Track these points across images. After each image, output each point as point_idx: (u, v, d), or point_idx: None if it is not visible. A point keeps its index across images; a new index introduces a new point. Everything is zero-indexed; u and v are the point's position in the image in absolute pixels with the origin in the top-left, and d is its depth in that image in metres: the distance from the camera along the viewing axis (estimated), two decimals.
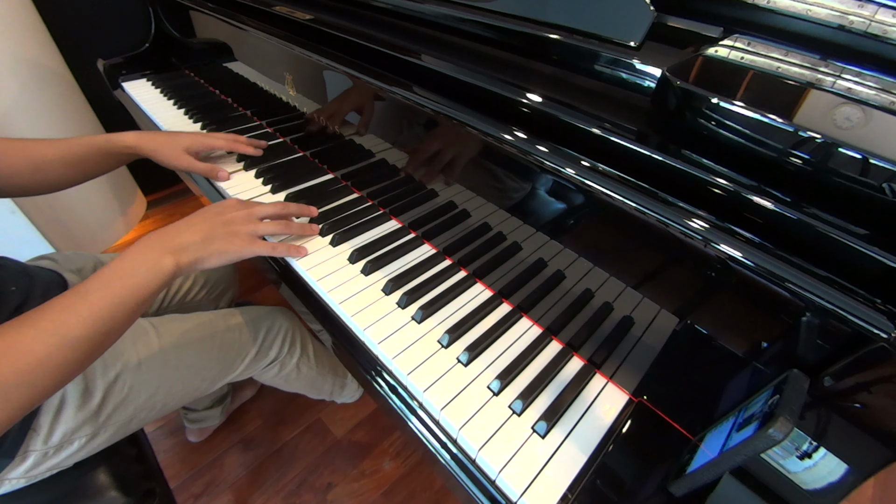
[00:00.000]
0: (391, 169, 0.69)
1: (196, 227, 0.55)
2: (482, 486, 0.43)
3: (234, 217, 0.57)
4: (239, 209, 0.59)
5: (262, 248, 0.58)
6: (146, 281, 0.48)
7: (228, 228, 0.56)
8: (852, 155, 0.31)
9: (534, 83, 0.49)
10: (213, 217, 0.57)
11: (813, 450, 0.32)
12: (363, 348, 0.55)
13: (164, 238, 0.52)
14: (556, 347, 0.54)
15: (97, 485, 0.61)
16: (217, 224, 0.56)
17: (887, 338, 0.29)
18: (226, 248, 0.55)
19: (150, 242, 0.51)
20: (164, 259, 0.50)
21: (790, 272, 0.33)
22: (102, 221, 1.64)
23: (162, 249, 0.51)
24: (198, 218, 0.56)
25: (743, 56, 0.40)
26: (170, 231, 0.53)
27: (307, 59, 0.71)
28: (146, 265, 0.49)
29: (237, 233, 0.56)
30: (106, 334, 0.45)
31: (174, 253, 0.51)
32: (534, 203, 0.51)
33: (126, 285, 0.47)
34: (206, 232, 0.54)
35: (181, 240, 0.53)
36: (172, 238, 0.52)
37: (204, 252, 0.53)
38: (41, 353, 0.40)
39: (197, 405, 1.06)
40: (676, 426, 0.45)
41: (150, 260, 0.50)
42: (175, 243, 0.52)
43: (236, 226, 0.57)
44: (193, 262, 0.53)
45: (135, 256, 0.50)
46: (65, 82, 1.43)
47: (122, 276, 0.47)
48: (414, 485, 1.06)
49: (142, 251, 0.50)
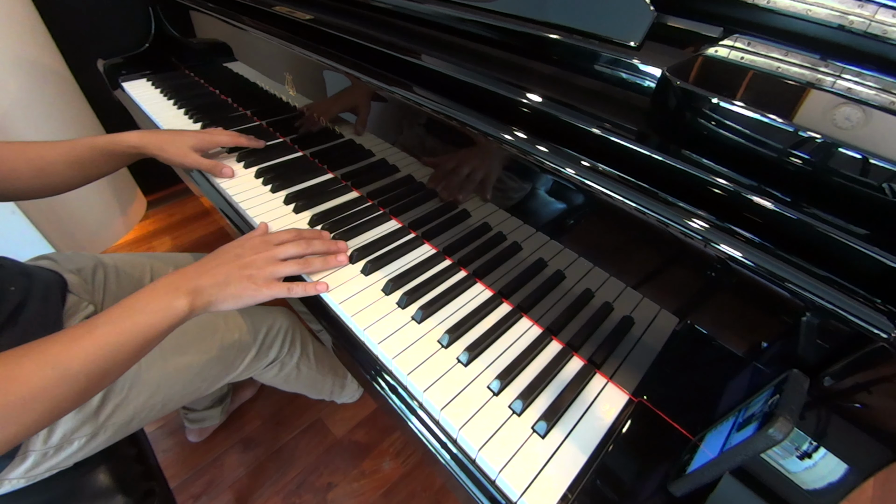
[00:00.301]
0: (391, 169, 0.69)
1: (214, 271, 0.54)
2: (482, 486, 0.43)
3: (253, 260, 0.56)
4: (259, 251, 0.57)
5: (279, 290, 0.56)
6: (156, 321, 0.47)
7: (246, 272, 0.54)
8: (852, 155, 0.31)
9: (534, 83, 0.49)
10: (233, 260, 0.56)
11: (813, 450, 0.32)
12: (363, 348, 0.55)
13: (179, 279, 0.51)
14: (556, 347, 0.54)
15: (97, 485, 0.61)
16: (235, 267, 0.55)
17: (887, 338, 0.29)
18: (240, 293, 0.53)
19: (165, 282, 0.51)
20: (178, 300, 0.49)
21: (790, 272, 0.33)
22: (102, 221, 1.64)
23: (177, 290, 0.50)
24: (217, 260, 0.56)
25: (743, 56, 0.40)
26: (187, 273, 0.53)
27: (307, 59, 0.71)
28: (159, 304, 0.48)
29: (254, 277, 0.54)
30: (106, 372, 0.44)
31: (189, 294, 0.50)
32: (534, 203, 0.51)
33: (136, 323, 0.46)
34: (223, 275, 0.53)
35: (198, 282, 0.52)
36: (189, 280, 0.52)
37: (219, 296, 0.52)
38: (37, 385, 0.39)
39: (197, 405, 1.06)
40: (676, 426, 0.45)
41: (164, 299, 0.49)
42: (191, 285, 0.51)
43: (254, 269, 0.55)
44: (208, 304, 0.52)
45: (149, 295, 0.49)
46: (65, 82, 1.43)
47: (132, 314, 0.47)
48: (414, 485, 1.06)
49: (156, 290, 0.50)
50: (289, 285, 0.57)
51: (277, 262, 0.57)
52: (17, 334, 0.54)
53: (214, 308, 0.53)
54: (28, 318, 0.55)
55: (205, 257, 0.56)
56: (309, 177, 0.81)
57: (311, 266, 0.59)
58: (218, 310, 0.53)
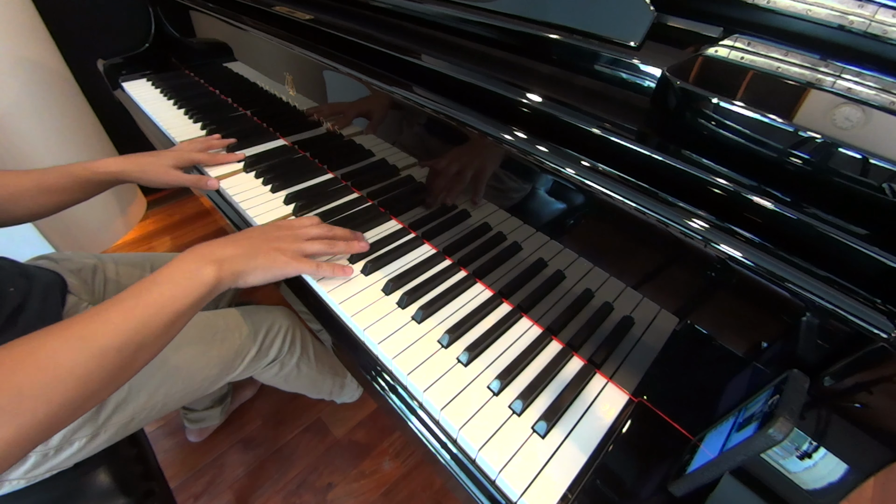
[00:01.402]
0: (391, 169, 0.69)
1: (241, 242, 0.54)
2: (482, 486, 0.43)
3: (280, 235, 0.57)
4: (286, 228, 0.58)
5: (307, 266, 0.56)
6: (184, 290, 0.46)
7: (274, 245, 0.55)
8: (852, 155, 0.31)
9: (534, 83, 0.49)
10: (260, 234, 0.56)
11: (813, 450, 0.32)
12: (363, 348, 0.55)
13: (205, 250, 0.51)
14: (556, 347, 0.54)
15: (97, 485, 0.61)
16: (262, 240, 0.55)
17: (887, 338, 0.29)
18: (269, 265, 0.53)
19: (191, 253, 0.50)
20: (204, 268, 0.49)
21: (790, 272, 0.33)
22: (102, 221, 1.64)
23: (202, 259, 0.49)
24: (244, 234, 0.56)
25: (743, 56, 0.40)
26: (214, 243, 0.53)
27: (307, 59, 0.71)
28: (185, 273, 0.48)
29: (283, 250, 0.55)
30: (140, 346, 0.42)
31: (216, 263, 0.50)
32: (534, 203, 0.51)
33: (163, 293, 0.45)
34: (250, 247, 0.53)
35: (224, 252, 0.51)
36: (215, 250, 0.51)
37: (247, 265, 0.52)
38: (65, 362, 0.37)
39: (197, 405, 1.06)
40: (676, 426, 0.45)
41: (189, 269, 0.48)
42: (217, 254, 0.51)
43: (282, 243, 0.56)
44: (235, 274, 0.51)
45: (175, 266, 0.48)
46: (65, 82, 1.43)
47: (159, 285, 0.46)
48: (414, 485, 1.06)
49: (181, 260, 0.49)
50: (317, 262, 0.57)
51: (303, 240, 0.57)
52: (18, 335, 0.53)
53: (242, 280, 0.52)
54: (28, 319, 0.55)
55: (230, 235, 0.56)
56: (309, 177, 0.81)
57: (336, 247, 0.60)
58: (245, 282, 0.52)
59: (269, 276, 0.54)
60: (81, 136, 1.49)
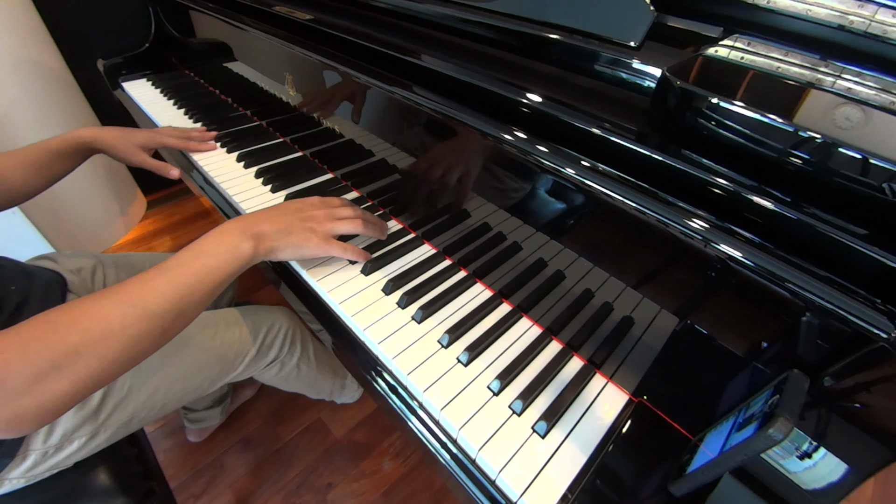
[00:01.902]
0: (391, 169, 0.69)
1: (277, 219, 0.55)
2: (482, 486, 0.43)
3: (314, 214, 0.58)
4: (320, 207, 0.60)
5: (336, 249, 0.58)
6: (224, 262, 0.49)
7: (308, 224, 0.57)
8: (852, 155, 0.31)
9: (534, 83, 0.49)
10: (294, 212, 0.58)
11: (813, 450, 0.32)
12: (363, 348, 0.55)
13: (244, 224, 0.53)
14: (556, 347, 0.54)
15: (97, 485, 0.61)
16: (297, 219, 0.57)
17: (887, 338, 0.29)
18: (302, 243, 0.56)
19: (230, 226, 0.53)
20: (243, 243, 0.51)
21: (790, 272, 0.33)
22: (102, 221, 1.64)
23: (242, 234, 0.52)
24: (279, 210, 0.57)
25: (743, 56, 0.40)
26: (250, 218, 0.55)
27: (307, 59, 0.71)
28: (225, 246, 0.50)
29: (315, 230, 0.57)
30: (181, 312, 0.45)
31: (253, 238, 0.52)
32: (534, 203, 0.51)
33: (206, 264, 0.48)
34: (285, 224, 0.55)
35: (261, 228, 0.53)
36: (253, 225, 0.53)
37: (281, 242, 0.54)
38: (117, 322, 0.40)
39: (197, 405, 1.06)
40: (676, 426, 0.45)
41: (230, 242, 0.51)
42: (255, 230, 0.53)
43: (315, 223, 0.57)
44: (270, 250, 0.54)
45: (215, 238, 0.51)
46: (65, 82, 1.43)
47: (200, 256, 0.48)
48: (414, 485, 1.06)
49: (222, 233, 0.51)
50: (344, 245, 0.59)
51: (335, 220, 0.59)
52: None
53: (275, 255, 0.55)
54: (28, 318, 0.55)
55: (266, 208, 0.58)
56: (309, 177, 0.81)
57: (366, 228, 0.61)
58: (276, 258, 0.55)
59: (299, 254, 0.56)
60: None
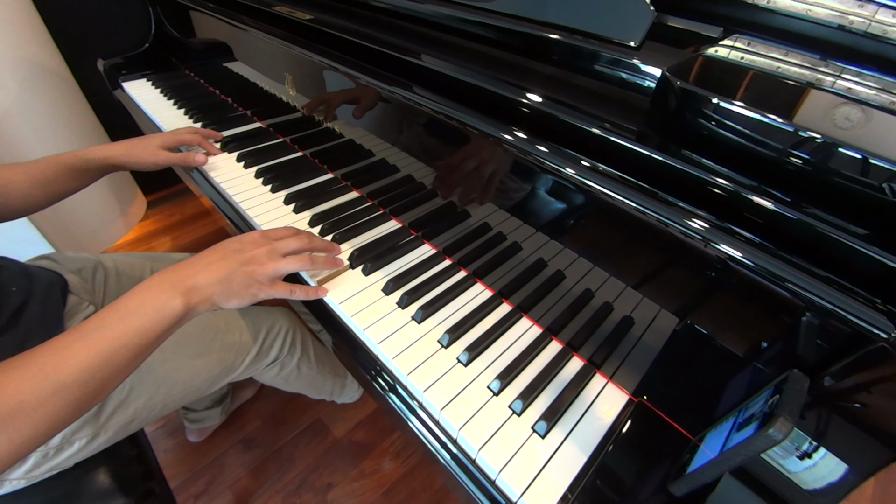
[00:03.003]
0: (391, 169, 0.69)
1: (213, 266, 0.50)
2: (482, 486, 0.43)
3: (254, 255, 0.52)
4: (260, 245, 0.54)
5: (281, 291, 0.54)
6: (151, 323, 0.44)
7: (248, 268, 0.51)
8: (852, 155, 0.31)
9: (534, 83, 0.49)
10: (232, 255, 0.52)
11: (813, 450, 0.32)
12: (363, 348, 0.55)
13: (175, 276, 0.48)
14: (556, 347, 0.54)
15: (97, 485, 0.61)
16: (236, 263, 0.51)
17: (887, 338, 0.29)
18: (243, 292, 0.51)
19: (159, 280, 0.47)
20: (172, 300, 0.46)
21: (790, 272, 0.33)
22: (102, 221, 1.64)
23: (172, 289, 0.46)
24: (215, 255, 0.52)
25: (743, 56, 0.40)
26: (183, 268, 0.49)
27: (307, 59, 0.71)
28: (153, 305, 0.45)
29: (256, 274, 0.51)
30: (102, 382, 0.41)
31: (185, 294, 0.47)
32: (534, 203, 0.51)
33: (129, 326, 0.43)
34: (223, 272, 0.50)
35: (195, 280, 0.48)
36: (185, 277, 0.48)
37: (219, 294, 0.49)
38: (29, 399, 0.37)
39: (197, 405, 1.06)
40: (676, 426, 0.45)
41: (158, 300, 0.45)
42: (188, 283, 0.48)
43: (256, 265, 0.52)
44: (208, 303, 0.49)
45: (141, 295, 0.46)
46: (65, 82, 1.43)
47: (125, 317, 0.43)
48: (414, 485, 1.06)
49: (149, 289, 0.46)
50: (291, 286, 0.55)
51: (279, 258, 0.54)
52: (19, 335, 0.54)
53: (214, 307, 0.50)
54: (29, 319, 0.55)
55: (202, 252, 0.53)
56: (309, 177, 0.81)
57: (315, 264, 0.57)
58: (218, 308, 0.51)
59: (242, 303, 0.51)
60: (81, 137, 1.49)
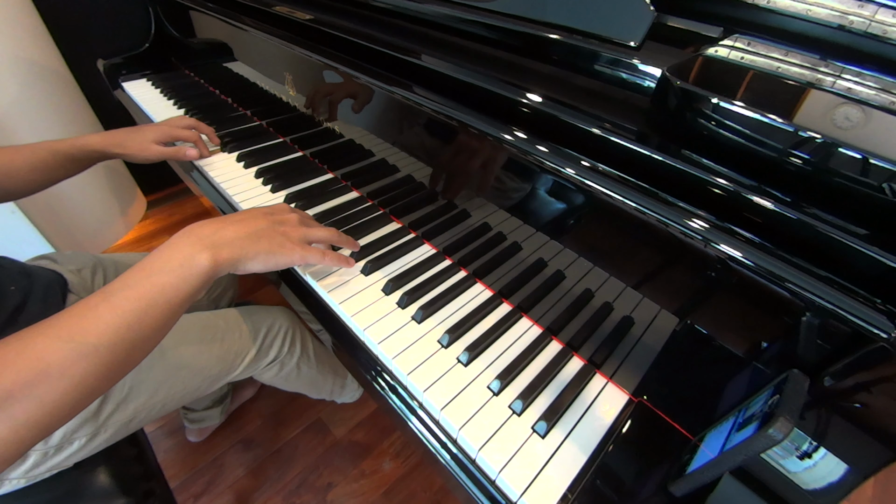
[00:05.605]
0: (391, 169, 0.69)
1: (243, 223, 0.48)
2: (482, 486, 0.43)
3: (286, 218, 0.51)
4: (291, 212, 0.53)
5: (313, 255, 0.51)
6: (178, 280, 0.42)
7: (280, 229, 0.49)
8: (852, 155, 0.31)
9: (534, 83, 0.49)
10: (264, 216, 0.50)
11: (813, 450, 0.32)
12: (363, 348, 0.55)
13: (201, 231, 0.45)
14: (556, 347, 0.54)
15: (97, 485, 0.61)
16: (267, 222, 0.49)
17: (887, 338, 0.29)
18: (275, 250, 0.48)
19: (184, 236, 0.45)
20: (199, 255, 0.43)
21: (790, 272, 0.33)
22: (102, 221, 1.64)
23: (198, 244, 0.44)
24: (245, 214, 0.50)
25: (743, 56, 0.40)
26: (210, 224, 0.46)
27: (307, 59, 0.71)
28: (178, 261, 0.43)
29: (289, 235, 0.49)
30: (132, 344, 0.39)
31: (212, 248, 0.44)
32: (534, 203, 0.51)
33: (155, 285, 0.41)
34: (253, 228, 0.47)
35: (222, 234, 0.45)
36: (213, 232, 0.45)
37: (249, 250, 0.46)
38: (55, 362, 0.34)
39: (197, 405, 1.06)
40: (676, 426, 0.45)
41: (183, 256, 0.43)
42: (215, 238, 0.45)
43: (288, 227, 0.50)
44: (235, 260, 0.45)
45: (167, 252, 0.43)
46: (65, 82, 1.43)
47: (150, 275, 0.41)
48: (414, 485, 1.06)
49: (175, 246, 0.44)
50: (323, 251, 0.53)
51: (308, 227, 0.53)
52: None
53: (243, 266, 0.47)
54: (29, 318, 0.55)
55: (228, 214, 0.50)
56: (309, 177, 0.81)
57: (340, 238, 0.56)
58: (245, 269, 0.47)
59: (272, 263, 0.48)
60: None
